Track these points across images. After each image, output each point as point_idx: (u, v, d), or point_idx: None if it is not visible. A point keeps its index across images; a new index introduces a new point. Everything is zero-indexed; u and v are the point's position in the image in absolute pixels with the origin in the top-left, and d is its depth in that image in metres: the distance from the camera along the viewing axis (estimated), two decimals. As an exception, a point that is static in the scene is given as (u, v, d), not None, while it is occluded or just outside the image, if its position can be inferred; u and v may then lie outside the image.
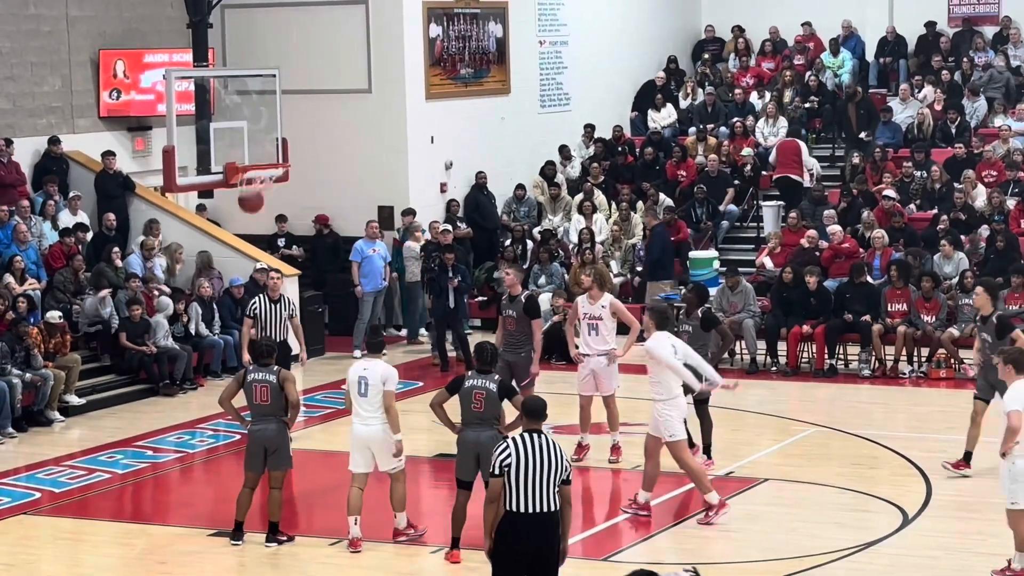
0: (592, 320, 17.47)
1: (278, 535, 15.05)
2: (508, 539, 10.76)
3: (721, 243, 27.36)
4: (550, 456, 10.75)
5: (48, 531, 16.08)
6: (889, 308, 22.66)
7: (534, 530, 10.69)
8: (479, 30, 28.11)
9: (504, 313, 17.71)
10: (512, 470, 10.68)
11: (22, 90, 24.04)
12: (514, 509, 10.69)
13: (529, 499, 10.65)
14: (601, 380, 17.54)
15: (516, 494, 10.68)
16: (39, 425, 20.54)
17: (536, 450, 10.75)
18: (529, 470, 10.67)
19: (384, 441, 14.58)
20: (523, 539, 10.70)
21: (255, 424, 14.95)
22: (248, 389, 14.93)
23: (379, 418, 14.58)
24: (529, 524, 10.68)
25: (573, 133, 30.03)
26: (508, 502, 10.73)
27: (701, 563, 14.31)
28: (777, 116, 29.22)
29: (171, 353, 22.41)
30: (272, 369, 14.94)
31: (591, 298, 17.56)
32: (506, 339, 17.59)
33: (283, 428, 14.95)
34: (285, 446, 14.97)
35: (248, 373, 15.07)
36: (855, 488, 16.49)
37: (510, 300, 17.70)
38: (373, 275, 24.94)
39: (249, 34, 26.87)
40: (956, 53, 30.39)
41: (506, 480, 10.72)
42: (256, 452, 14.93)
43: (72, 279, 22.65)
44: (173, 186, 21.86)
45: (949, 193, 26.10)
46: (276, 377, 14.86)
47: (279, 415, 14.92)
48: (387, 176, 26.56)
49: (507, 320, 17.65)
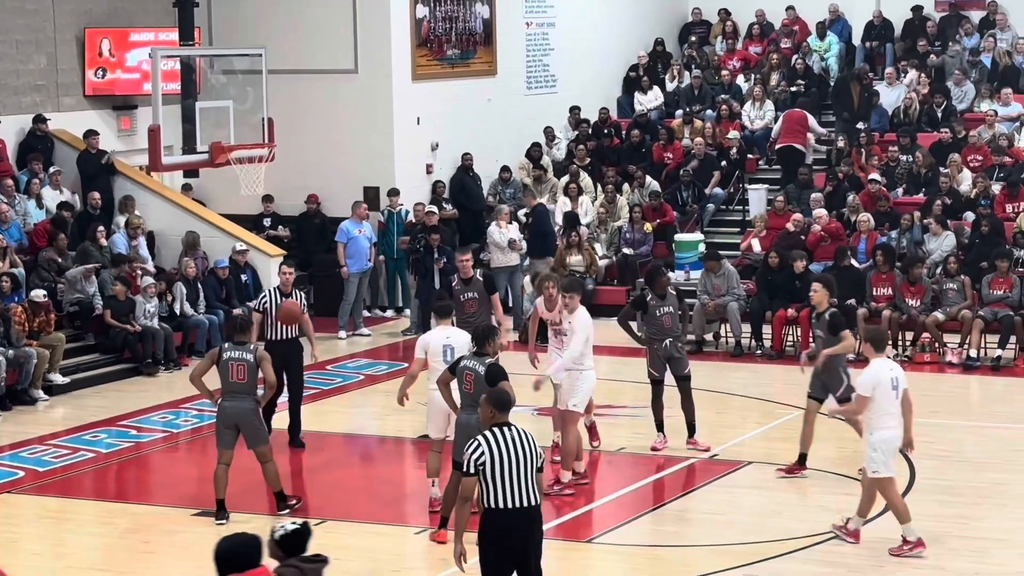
0: (555, 326, 16.73)
1: (287, 500, 15.22)
2: (492, 536, 10.52)
3: (707, 226, 27.37)
4: (524, 447, 10.48)
5: (31, 510, 16.06)
6: (874, 292, 22.70)
7: (519, 525, 10.49)
8: (466, 11, 28.06)
9: (464, 297, 17.49)
10: (488, 467, 10.41)
11: (7, 68, 23.96)
12: (496, 506, 10.45)
13: (510, 494, 10.42)
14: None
15: (496, 490, 10.42)
16: (23, 404, 20.51)
17: (510, 443, 10.47)
18: (506, 465, 10.41)
19: None
20: (508, 535, 10.50)
21: (227, 400, 14.95)
22: (224, 367, 14.92)
23: None
24: (513, 519, 10.47)
25: (559, 115, 30.01)
26: (488, 499, 10.47)
27: (684, 545, 14.37)
28: (764, 99, 29.23)
29: (153, 332, 22.38)
30: (249, 348, 14.96)
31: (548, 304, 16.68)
32: (469, 322, 16.93)
33: (255, 406, 14.98)
34: (257, 421, 15.00)
35: (224, 351, 15.05)
36: (838, 471, 16.52)
37: (465, 283, 17.55)
38: (359, 256, 24.94)
39: (235, 13, 26.79)
40: (943, 37, 30.41)
41: (482, 478, 10.46)
42: (226, 429, 14.98)
43: (56, 258, 22.60)
44: (159, 165, 21.82)
45: (935, 177, 26.13)
46: (253, 356, 14.89)
47: (253, 393, 14.95)
48: (373, 157, 26.52)
49: (468, 303, 17.47)
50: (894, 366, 14.12)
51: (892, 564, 13.60)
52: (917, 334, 22.32)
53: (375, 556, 14.19)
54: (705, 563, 13.77)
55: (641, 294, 17.58)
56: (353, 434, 18.59)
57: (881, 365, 13.93)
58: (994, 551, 14.10)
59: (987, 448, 17.74)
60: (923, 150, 26.94)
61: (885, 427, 13.73)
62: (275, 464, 15.16)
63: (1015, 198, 25.17)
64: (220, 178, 24.00)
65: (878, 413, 13.73)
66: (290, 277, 17.67)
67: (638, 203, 26.85)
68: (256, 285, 24.19)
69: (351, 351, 23.68)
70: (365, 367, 22.41)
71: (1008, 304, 22.13)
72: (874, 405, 13.72)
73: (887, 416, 13.74)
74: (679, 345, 17.20)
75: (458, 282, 17.70)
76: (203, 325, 23.19)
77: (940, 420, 18.79)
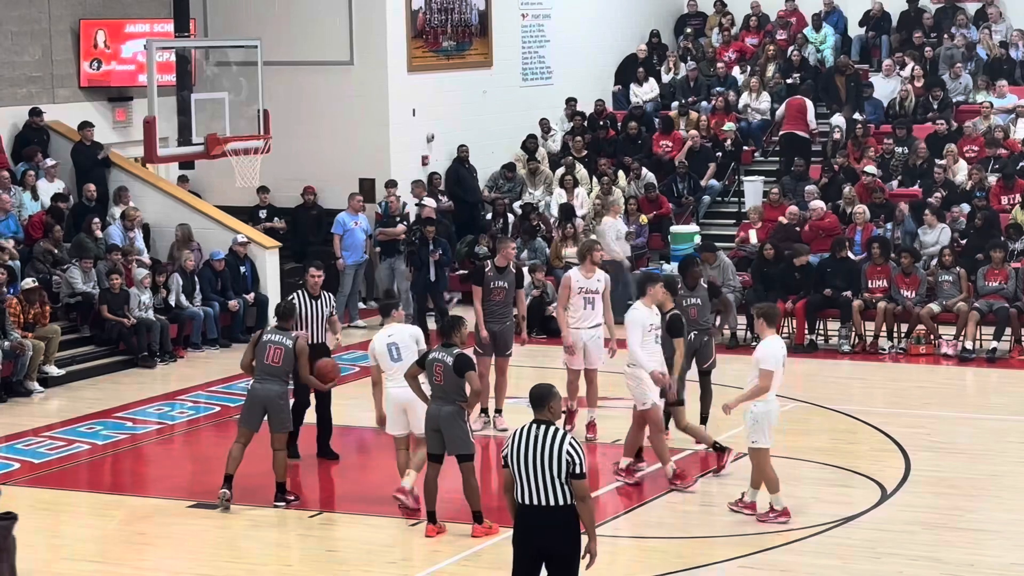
0: (589, 294, 17.42)
1: (286, 495, 15.22)
2: (516, 529, 10.56)
3: (702, 218, 27.37)
4: (548, 449, 10.32)
5: (27, 502, 15.99)
6: (869, 284, 22.71)
7: (536, 522, 10.42)
8: (462, 3, 28.04)
9: (494, 285, 17.72)
10: (510, 461, 10.44)
11: (1, 59, 23.93)
12: (519, 500, 10.47)
13: (527, 491, 10.37)
14: (591, 353, 17.50)
15: (518, 485, 10.43)
16: (18, 395, 20.50)
17: (532, 441, 10.37)
18: (523, 461, 10.37)
19: (418, 401, 14.54)
20: (526, 531, 10.48)
21: (259, 382, 15.06)
22: (261, 349, 15.07)
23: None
24: (530, 516, 10.43)
25: (555, 107, 30.00)
26: (516, 492, 10.51)
27: (683, 537, 14.38)
28: (760, 90, 29.23)
29: (148, 324, 22.37)
30: (291, 335, 15.13)
31: (586, 272, 17.48)
32: (493, 310, 17.69)
33: (286, 391, 15.12)
34: (285, 408, 15.11)
35: (264, 334, 15.23)
36: (834, 463, 16.53)
37: (499, 271, 17.72)
38: (355, 248, 24.93)
39: (231, 5, 26.78)
40: (939, 30, 30.41)
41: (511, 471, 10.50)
42: (254, 409, 15.09)
43: (52, 250, 22.59)
44: (154, 157, 21.76)
45: (930, 169, 26.13)
46: (293, 343, 15.05)
47: (285, 378, 15.07)
48: (369, 149, 26.51)
49: (496, 291, 17.70)
50: (783, 343, 14.81)
51: (888, 555, 13.61)
52: (912, 326, 22.33)
53: (370, 548, 14.19)
54: (701, 554, 13.79)
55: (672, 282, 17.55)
56: (348, 426, 18.59)
57: (777, 340, 14.62)
58: (989, 542, 14.11)
59: (982, 440, 17.74)
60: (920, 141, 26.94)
61: (769, 400, 14.41)
62: (285, 454, 15.20)
63: (1010, 190, 25.17)
64: (216, 170, 23.96)
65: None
66: (319, 279, 16.75)
67: (634, 195, 26.85)
68: (254, 277, 24.20)
69: (346, 343, 23.65)
70: (360, 359, 22.37)
71: (1003, 296, 22.13)
72: None
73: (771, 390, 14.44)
74: (704, 339, 17.19)
75: (491, 268, 17.83)
76: (198, 317, 23.19)
77: (935, 412, 18.82)
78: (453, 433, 13.98)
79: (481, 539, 14.00)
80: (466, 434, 14.06)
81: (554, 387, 10.73)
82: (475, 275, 18.32)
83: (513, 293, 17.84)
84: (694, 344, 17.06)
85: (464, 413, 14.08)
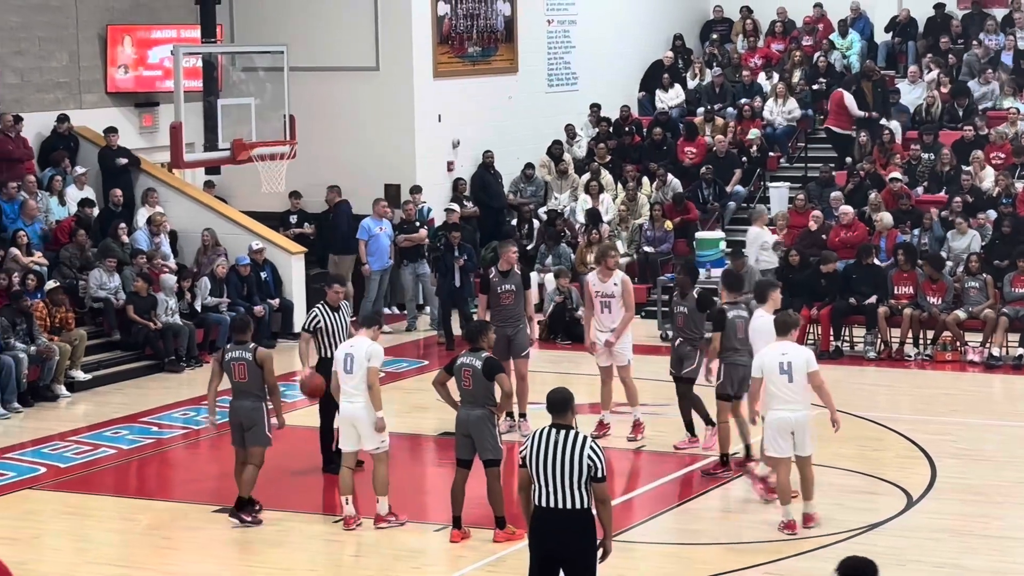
0: (605, 298, 17.46)
1: (243, 513, 14.92)
2: (531, 531, 10.61)
3: (728, 224, 27.34)
4: (568, 452, 10.35)
5: (53, 506, 16.10)
6: (895, 291, 22.66)
7: (552, 525, 10.44)
8: (487, 8, 28.07)
9: (501, 289, 17.73)
10: (529, 462, 10.46)
11: (29, 65, 24.03)
12: (536, 502, 10.49)
13: (545, 493, 10.40)
14: (616, 354, 17.52)
15: (536, 487, 10.45)
16: (45, 400, 20.58)
17: (553, 444, 10.41)
18: (543, 464, 10.39)
19: (367, 419, 14.53)
20: (542, 533, 10.51)
21: (234, 400, 14.93)
22: (227, 368, 14.89)
23: (363, 395, 14.54)
24: (546, 518, 10.45)
25: (580, 113, 30.00)
26: (533, 494, 10.52)
27: (704, 543, 14.36)
28: (787, 96, 29.18)
29: (175, 329, 22.43)
30: (248, 347, 14.85)
31: (603, 276, 17.52)
32: (504, 314, 17.69)
33: (259, 405, 14.79)
34: (261, 423, 14.81)
35: (226, 352, 15.05)
36: (860, 470, 16.49)
37: (503, 276, 17.75)
38: (380, 253, 24.95)
39: (257, 10, 26.85)
40: (966, 35, 30.34)
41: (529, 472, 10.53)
42: (234, 428, 14.97)
43: (78, 255, 22.68)
44: (180, 162, 21.88)
45: (957, 175, 26.05)
46: (252, 355, 14.77)
47: (257, 392, 14.78)
48: (394, 154, 26.54)
49: (505, 295, 17.72)
50: (788, 350, 14.28)
51: (913, 563, 13.57)
52: (938, 332, 22.26)
53: (395, 553, 14.20)
54: (723, 561, 13.76)
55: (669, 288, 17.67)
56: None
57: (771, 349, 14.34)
58: (1015, 550, 14.07)
59: (1008, 447, 17.70)
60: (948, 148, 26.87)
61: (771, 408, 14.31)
62: (257, 472, 14.89)
63: (1038, 196, 25.10)
64: (243, 175, 24.02)
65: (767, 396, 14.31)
66: (340, 295, 16.57)
67: (659, 201, 26.83)
68: (275, 282, 24.25)
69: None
70: (386, 364, 22.29)
71: (1030, 303, 22.06)
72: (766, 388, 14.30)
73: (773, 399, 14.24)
74: (688, 348, 16.97)
75: (496, 274, 17.86)
76: (224, 322, 23.22)
77: (961, 419, 18.77)
78: (482, 437, 13.99)
79: (504, 545, 13.99)
80: (495, 439, 14.08)
81: (570, 392, 10.77)
82: (482, 283, 18.35)
83: (523, 296, 17.84)
84: (678, 351, 16.99)
85: (493, 417, 14.10)
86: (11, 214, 22.70)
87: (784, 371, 14.10)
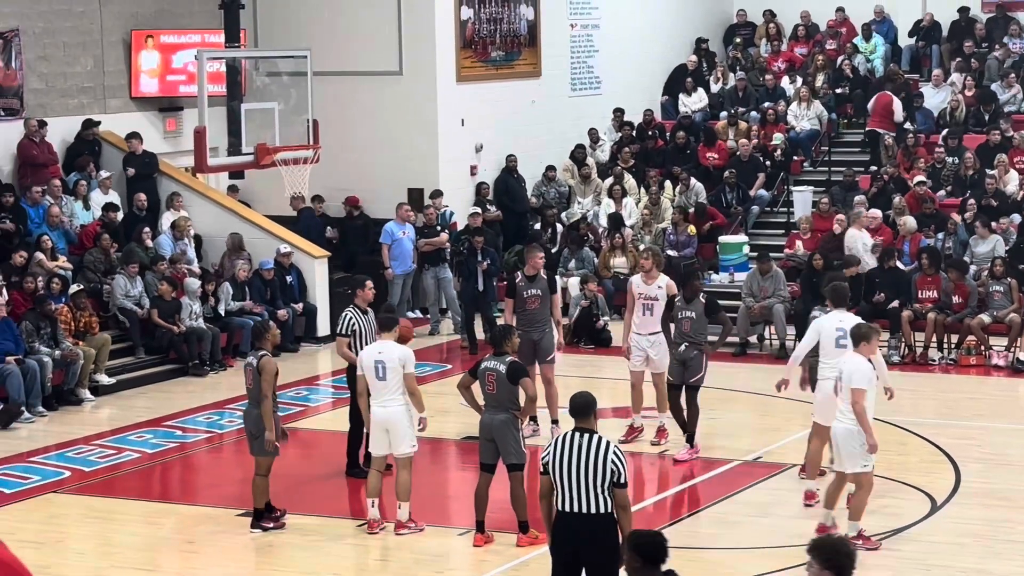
0: (648, 300, 17.42)
1: (263, 522, 14.91)
2: (554, 536, 10.63)
3: (751, 228, 27.30)
4: (590, 457, 10.39)
5: (77, 509, 16.14)
6: (919, 295, 22.60)
7: (573, 529, 10.47)
8: (510, 13, 28.09)
9: (527, 294, 17.72)
10: (550, 468, 10.49)
11: (54, 70, 24.11)
12: (558, 507, 10.52)
13: (568, 498, 10.42)
14: (654, 360, 17.48)
15: (558, 492, 10.48)
16: (69, 404, 20.64)
17: (575, 449, 10.44)
18: (565, 469, 10.42)
19: (401, 423, 14.50)
20: (565, 537, 10.53)
21: (247, 407, 14.95)
22: (245, 373, 14.94)
23: (398, 400, 14.52)
24: (569, 523, 10.48)
25: (604, 117, 29.99)
26: (555, 499, 10.56)
27: (727, 548, 14.35)
28: (811, 100, 29.13)
29: (199, 333, 22.48)
30: (257, 353, 14.82)
31: (648, 279, 17.49)
32: (530, 319, 17.68)
33: (258, 411, 14.68)
34: (256, 431, 14.72)
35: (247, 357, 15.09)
36: (884, 474, 16.40)
37: (530, 280, 17.74)
38: (403, 257, 24.96)
39: (281, 15, 26.89)
40: (990, 39, 30.27)
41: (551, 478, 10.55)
42: (247, 435, 14.98)
43: (102, 259, 22.75)
44: (204, 167, 21.94)
45: (981, 179, 25.99)
46: (257, 362, 14.67)
47: (260, 399, 14.68)
48: (417, 159, 26.56)
49: (531, 300, 17.71)
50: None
51: (937, 567, 13.55)
52: (963, 337, 22.20)
53: (418, 557, 14.21)
54: (748, 566, 13.75)
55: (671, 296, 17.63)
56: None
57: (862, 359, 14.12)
58: (1039, 555, 14.03)
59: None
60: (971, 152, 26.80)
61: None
62: (264, 482, 14.86)
63: (1062, 200, 25.03)
64: (266, 180, 24.07)
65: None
66: (372, 295, 16.67)
67: (682, 205, 26.81)
68: (300, 286, 24.29)
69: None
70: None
71: (1055, 307, 21.99)
72: None
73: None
74: (694, 353, 16.91)
75: (522, 278, 17.84)
76: (247, 326, 23.23)
77: (986, 423, 18.72)
78: (506, 442, 14.00)
79: (527, 549, 13.99)
80: (519, 443, 14.08)
81: (593, 396, 10.78)
82: (508, 286, 18.35)
83: (549, 300, 17.82)
84: (683, 356, 16.94)
85: (517, 422, 14.11)
86: (36, 218, 22.77)
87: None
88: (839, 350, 14.53)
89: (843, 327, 14.63)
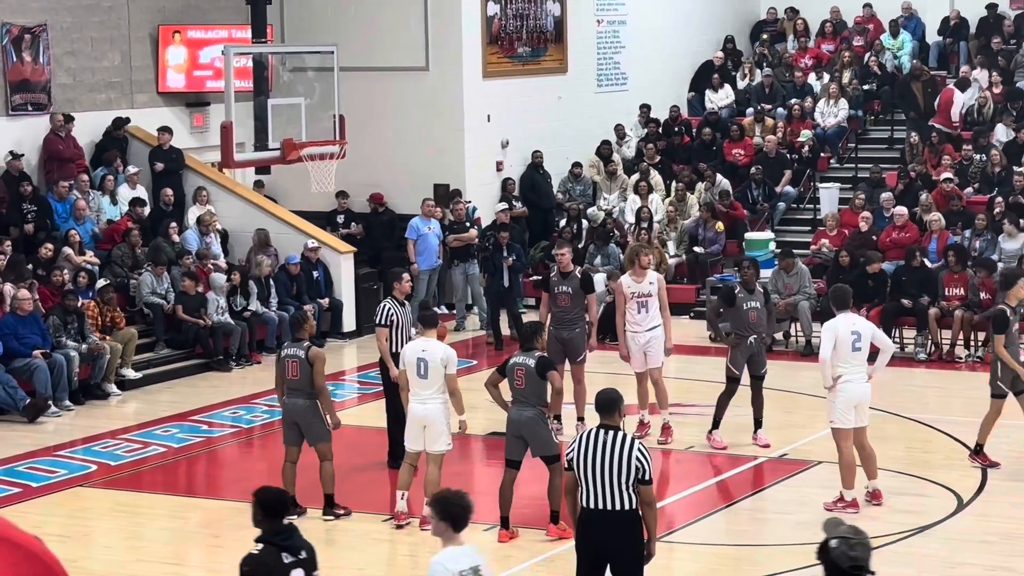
0: (642, 298, 17.41)
1: (334, 508, 15.11)
2: (579, 532, 10.66)
3: (777, 225, 27.26)
4: (615, 454, 10.36)
5: (103, 503, 16.19)
6: (946, 292, 22.54)
7: (597, 526, 10.47)
8: (537, 8, 28.08)
9: (558, 290, 17.67)
10: (575, 464, 10.48)
11: (82, 65, 24.19)
12: (583, 504, 10.53)
13: (592, 494, 10.41)
14: (650, 354, 17.48)
15: (583, 488, 10.48)
16: (96, 398, 20.71)
17: (599, 446, 10.41)
18: (590, 465, 10.39)
19: (439, 421, 14.50)
20: (590, 534, 10.54)
21: (288, 397, 14.96)
22: (281, 364, 14.94)
23: (438, 398, 14.50)
24: (592, 520, 10.47)
25: (630, 113, 29.96)
26: (580, 496, 10.57)
27: (754, 544, 14.34)
28: (839, 96, 29.06)
29: (226, 328, 22.52)
30: (303, 345, 14.87)
31: (638, 277, 17.44)
32: (559, 316, 17.61)
33: (312, 403, 14.83)
34: (317, 420, 14.86)
35: (283, 348, 15.14)
36: (909, 472, 16.42)
37: (563, 277, 17.69)
38: (428, 253, 24.97)
39: (307, 11, 26.94)
40: (1018, 36, 30.16)
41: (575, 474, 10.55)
42: (288, 425, 15.03)
43: (129, 254, 22.81)
44: (231, 162, 21.96)
45: (1008, 176, 25.90)
46: (305, 353, 14.77)
47: (309, 390, 14.79)
48: (443, 154, 26.58)
49: (561, 297, 17.64)
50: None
51: (963, 565, 13.51)
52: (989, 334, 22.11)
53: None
54: (775, 562, 13.73)
55: (728, 287, 17.63)
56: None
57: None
58: (1066, 553, 13.98)
59: (1060, 449, 17.57)
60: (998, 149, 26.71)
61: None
62: (331, 466, 15.02)
63: (1090, 198, 24.92)
64: (292, 175, 24.11)
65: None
66: (410, 287, 16.81)
67: (709, 202, 26.77)
68: (327, 281, 24.32)
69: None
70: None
71: (1083, 304, 21.87)
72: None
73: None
74: (761, 345, 17.22)
75: (556, 274, 17.81)
76: (273, 322, 23.30)
77: (1012, 421, 18.60)
78: (537, 436, 14.01)
79: (554, 543, 13.99)
80: (550, 435, 14.11)
81: (619, 393, 10.75)
82: (543, 281, 18.33)
83: (582, 299, 17.68)
84: (753, 347, 16.99)
85: (545, 416, 14.11)
86: (63, 213, 22.85)
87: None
88: (856, 353, 14.59)
89: (857, 330, 14.68)
